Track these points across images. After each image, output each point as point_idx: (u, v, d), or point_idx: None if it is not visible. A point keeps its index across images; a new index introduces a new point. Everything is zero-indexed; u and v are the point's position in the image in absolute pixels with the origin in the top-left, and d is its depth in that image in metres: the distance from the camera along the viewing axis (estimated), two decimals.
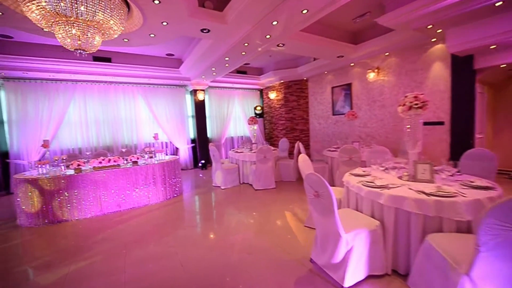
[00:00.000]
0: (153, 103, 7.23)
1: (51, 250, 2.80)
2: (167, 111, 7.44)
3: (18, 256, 2.73)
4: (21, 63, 5.17)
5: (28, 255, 2.73)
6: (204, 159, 7.73)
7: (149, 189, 4.27)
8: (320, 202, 1.86)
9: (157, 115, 7.28)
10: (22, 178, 3.54)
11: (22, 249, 2.91)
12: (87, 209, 3.80)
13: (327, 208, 1.80)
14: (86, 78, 6.28)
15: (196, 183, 5.90)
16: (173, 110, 7.54)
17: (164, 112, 7.39)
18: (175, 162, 4.75)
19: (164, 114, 7.38)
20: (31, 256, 2.71)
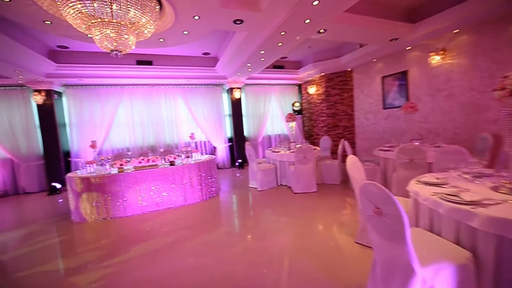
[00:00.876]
0: (192, 103, 7.35)
1: (90, 247, 2.88)
2: (204, 111, 7.49)
3: (59, 250, 2.87)
4: (76, 71, 5.67)
5: (67, 250, 2.84)
6: (241, 158, 7.59)
7: (185, 189, 4.22)
8: (383, 222, 1.40)
9: (196, 115, 7.38)
10: (73, 176, 3.80)
11: (64, 244, 3.06)
12: (129, 208, 3.91)
13: (395, 232, 1.33)
14: (131, 82, 6.66)
15: (233, 183, 5.74)
16: (211, 109, 7.55)
17: (202, 112, 7.45)
18: (211, 162, 4.64)
19: (202, 113, 7.45)
20: (69, 251, 2.81)
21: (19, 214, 4.63)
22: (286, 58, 7.45)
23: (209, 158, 4.69)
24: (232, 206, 4.24)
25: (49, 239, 3.28)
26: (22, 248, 3.04)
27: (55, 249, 2.99)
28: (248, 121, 8.13)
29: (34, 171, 6.27)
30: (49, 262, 2.64)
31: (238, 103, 7.65)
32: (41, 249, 2.99)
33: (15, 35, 4.16)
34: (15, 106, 6.09)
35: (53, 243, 3.14)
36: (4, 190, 6.11)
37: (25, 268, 2.55)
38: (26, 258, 2.77)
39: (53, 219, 4.00)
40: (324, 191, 4.45)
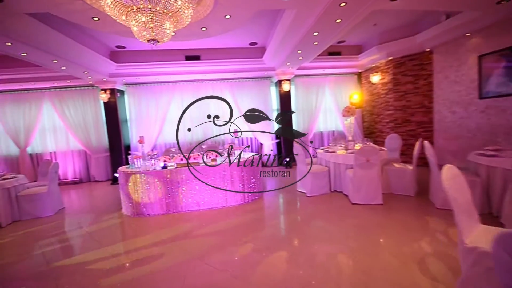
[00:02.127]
0: (239, 98, 7.09)
1: (126, 243, 2.79)
2: (252, 105, 7.12)
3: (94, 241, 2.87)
4: (133, 69, 5.99)
5: (95, 243, 2.81)
6: (289, 156, 6.99)
7: (223, 192, 3.91)
8: None
9: (242, 109, 7.09)
10: (121, 170, 3.90)
11: (98, 236, 3.07)
12: (170, 205, 3.82)
13: None
14: (181, 78, 6.76)
15: (279, 185, 5.23)
16: (258, 103, 7.15)
17: (249, 106, 7.10)
18: (255, 160, 4.22)
19: (249, 108, 7.11)
20: (100, 243, 2.77)
21: (86, 199, 5.15)
22: (344, 42, 6.44)
23: (252, 157, 4.28)
24: (276, 213, 3.73)
25: (92, 229, 3.40)
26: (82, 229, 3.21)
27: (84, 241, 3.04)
28: (297, 116, 7.45)
29: (102, 162, 7.01)
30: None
31: (287, 96, 7.03)
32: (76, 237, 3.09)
33: (81, 38, 4.51)
34: (87, 104, 6.88)
35: (85, 235, 3.23)
36: (79, 178, 7.03)
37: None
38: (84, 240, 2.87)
39: (104, 209, 4.24)
40: (393, 204, 3.52)
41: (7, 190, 3.92)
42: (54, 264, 2.56)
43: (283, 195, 4.44)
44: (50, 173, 4.23)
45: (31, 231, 3.55)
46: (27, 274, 2.44)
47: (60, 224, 3.78)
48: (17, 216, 4.02)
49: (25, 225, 3.81)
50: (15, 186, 4.07)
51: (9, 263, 2.67)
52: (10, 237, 3.40)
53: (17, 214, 4.02)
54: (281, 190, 4.85)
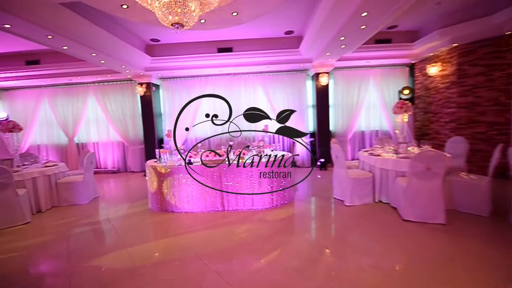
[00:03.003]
0: (272, 93, 6.67)
1: (145, 239, 2.63)
2: (285, 101, 6.67)
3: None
4: (167, 63, 5.98)
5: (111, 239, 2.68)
6: (324, 157, 6.38)
7: (254, 191, 3.57)
8: None
9: (275, 105, 6.67)
10: (148, 164, 3.81)
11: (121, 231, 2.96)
12: (194, 203, 3.62)
13: None
14: (213, 72, 6.60)
15: (312, 189, 4.72)
16: (292, 99, 6.66)
17: (282, 102, 6.67)
18: (286, 160, 3.79)
19: (282, 103, 6.66)
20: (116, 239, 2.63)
21: (120, 189, 5.31)
22: (396, 27, 5.56)
23: (285, 156, 3.85)
24: (308, 224, 3.26)
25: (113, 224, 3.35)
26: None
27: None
28: (335, 112, 6.77)
29: (137, 154, 7.26)
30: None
31: (325, 91, 6.39)
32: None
33: (117, 31, 4.55)
34: (126, 98, 7.15)
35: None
36: (117, 168, 7.39)
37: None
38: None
39: (134, 201, 4.24)
40: (460, 225, 2.79)
41: (48, 177, 4.14)
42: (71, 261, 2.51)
43: (317, 201, 3.94)
44: (85, 163, 4.37)
45: (62, 219, 3.68)
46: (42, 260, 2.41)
47: (90, 214, 3.85)
48: (56, 202, 4.24)
49: (61, 211, 3.98)
50: (55, 174, 4.29)
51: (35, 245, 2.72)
52: (45, 222, 3.55)
53: (56, 200, 4.24)
54: (314, 194, 4.34)
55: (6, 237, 3.10)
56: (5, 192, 3.34)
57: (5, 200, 3.34)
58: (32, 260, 2.54)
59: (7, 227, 3.36)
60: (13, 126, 4.10)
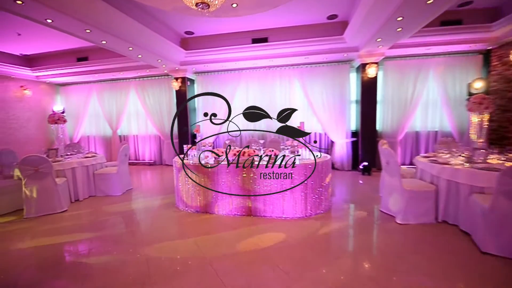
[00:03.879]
0: (309, 86, 6.08)
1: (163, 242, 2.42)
2: (324, 95, 6.03)
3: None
4: (201, 56, 5.84)
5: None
6: (367, 160, 5.61)
7: (284, 197, 3.15)
8: None
9: (312, 100, 6.08)
10: (176, 160, 3.66)
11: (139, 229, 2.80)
12: (221, 205, 3.35)
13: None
14: (247, 65, 6.28)
15: (353, 196, 4.09)
16: (332, 93, 5.98)
17: (320, 97, 6.04)
18: (324, 164, 3.27)
19: (320, 99, 6.04)
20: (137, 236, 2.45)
21: (154, 182, 5.39)
22: (470, 3, 4.49)
23: (323, 159, 3.34)
24: (347, 243, 2.69)
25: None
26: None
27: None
28: (384, 109, 5.90)
29: (172, 148, 7.38)
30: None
31: (372, 84, 5.58)
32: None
33: (153, 25, 4.52)
34: (163, 92, 7.29)
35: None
36: (154, 160, 7.64)
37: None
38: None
39: (164, 195, 4.17)
40: None
41: (86, 167, 4.30)
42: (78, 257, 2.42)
43: (359, 214, 3.34)
44: (119, 155, 4.45)
45: (94, 209, 3.76)
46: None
47: (121, 206, 3.87)
48: (93, 192, 4.40)
49: (96, 201, 4.11)
50: (93, 165, 4.46)
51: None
52: (80, 211, 3.66)
53: (93, 190, 4.40)
54: (356, 203, 3.73)
55: (45, 225, 3.23)
56: (44, 180, 3.50)
57: (44, 189, 3.50)
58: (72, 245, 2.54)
59: (46, 214, 3.53)
60: (58, 118, 4.36)
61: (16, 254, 2.53)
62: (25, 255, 2.49)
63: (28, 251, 2.57)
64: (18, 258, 2.45)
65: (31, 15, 3.25)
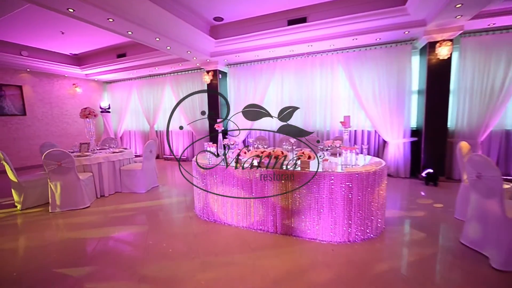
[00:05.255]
0: (357, 75, 5.07)
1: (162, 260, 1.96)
2: (375, 85, 4.95)
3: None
4: (232, 45, 5.33)
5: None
6: (432, 165, 4.41)
7: (319, 214, 2.42)
8: None
9: (360, 91, 5.06)
10: (194, 160, 3.23)
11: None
12: (238, 216, 2.80)
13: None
14: (283, 53, 5.57)
15: (414, 215, 3.09)
16: (387, 82, 4.87)
17: (371, 87, 4.99)
18: (378, 174, 2.42)
19: (370, 89, 4.99)
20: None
21: (182, 179, 5.16)
22: None
23: (374, 167, 2.50)
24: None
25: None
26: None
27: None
28: (458, 101, 4.57)
29: (203, 144, 7.14)
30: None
31: (444, 68, 4.32)
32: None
33: (180, 12, 4.18)
34: (196, 87, 7.07)
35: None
36: (186, 156, 7.54)
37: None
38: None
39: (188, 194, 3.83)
40: None
41: (112, 163, 4.21)
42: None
43: (425, 243, 2.40)
44: (144, 151, 4.26)
45: (114, 206, 3.58)
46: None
47: (139, 206, 3.63)
48: (119, 188, 4.31)
49: (120, 198, 3.97)
50: (120, 160, 4.36)
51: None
52: (101, 208, 3.52)
53: (119, 186, 4.31)
54: (420, 222, 2.76)
55: (65, 218, 3.14)
56: (67, 176, 3.44)
57: (67, 184, 3.44)
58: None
59: (68, 209, 3.48)
60: (89, 113, 4.35)
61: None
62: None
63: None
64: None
65: (52, 5, 3.13)
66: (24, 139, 6.84)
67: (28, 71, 6.86)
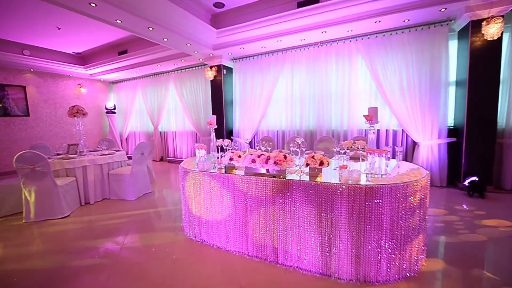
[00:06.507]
0: (380, 65, 4.33)
1: None
2: (403, 76, 4.19)
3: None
4: (235, 35, 4.76)
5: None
6: (477, 172, 3.57)
7: (334, 241, 1.76)
8: None
9: (384, 83, 4.31)
10: (181, 165, 2.68)
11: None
12: (229, 237, 2.20)
13: None
14: (293, 43, 4.94)
15: (467, 238, 2.33)
16: (417, 72, 4.10)
17: (397, 78, 4.23)
18: (418, 186, 1.72)
19: (397, 80, 4.23)
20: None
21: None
22: None
23: (412, 176, 1.81)
24: None
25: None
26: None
27: None
28: (510, 93, 3.70)
29: (207, 145, 6.63)
30: None
31: (492, 52, 3.49)
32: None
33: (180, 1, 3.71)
34: (199, 84, 6.60)
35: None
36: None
37: None
38: None
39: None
40: None
41: (100, 166, 3.78)
42: None
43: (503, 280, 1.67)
44: (134, 154, 3.79)
45: (97, 216, 3.11)
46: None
47: (122, 218, 3.14)
48: (107, 194, 3.87)
49: (105, 207, 3.52)
50: (110, 163, 3.93)
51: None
52: (78, 219, 3.07)
53: (107, 192, 3.87)
54: (469, 260, 2.02)
55: (39, 229, 2.71)
56: (43, 181, 3.02)
57: (42, 190, 3.03)
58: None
59: (44, 219, 3.05)
60: (77, 111, 3.97)
61: None
62: None
63: None
64: None
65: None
66: (27, 140, 6.69)
67: (32, 71, 6.71)
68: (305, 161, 1.92)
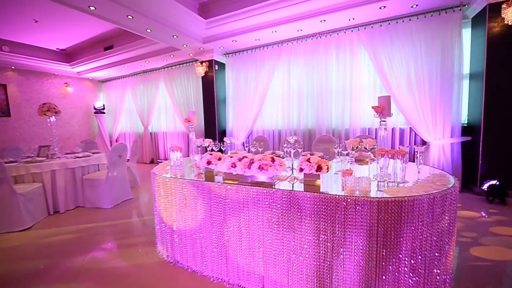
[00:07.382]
0: (385, 56, 3.92)
1: None
2: (411, 68, 3.77)
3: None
4: (226, 25, 4.36)
5: None
6: (497, 175, 3.15)
7: (337, 267, 1.35)
8: None
9: (390, 76, 3.89)
10: (153, 171, 2.26)
11: None
12: (208, 261, 1.78)
13: None
14: (289, 35, 4.54)
15: (495, 254, 1.91)
16: (427, 64, 3.68)
17: (404, 71, 3.81)
18: (445, 198, 1.30)
19: (404, 73, 3.81)
20: None
21: None
22: None
23: (436, 184, 1.39)
24: None
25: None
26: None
27: None
28: None
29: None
30: None
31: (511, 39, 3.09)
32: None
33: None
34: (190, 81, 6.21)
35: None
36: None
37: None
38: None
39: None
40: None
41: (72, 171, 3.37)
42: None
43: None
44: (110, 156, 3.37)
45: (65, 227, 2.70)
46: None
47: (92, 230, 2.72)
48: (80, 202, 3.46)
49: (76, 216, 3.11)
50: (83, 167, 3.51)
51: None
52: (41, 232, 2.65)
53: (81, 200, 3.45)
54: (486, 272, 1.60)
55: None
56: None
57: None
58: None
59: (1, 232, 2.64)
60: (48, 109, 3.56)
61: None
62: None
63: None
64: None
65: None
66: (9, 142, 6.27)
67: (13, 68, 6.31)
68: (298, 165, 1.50)
